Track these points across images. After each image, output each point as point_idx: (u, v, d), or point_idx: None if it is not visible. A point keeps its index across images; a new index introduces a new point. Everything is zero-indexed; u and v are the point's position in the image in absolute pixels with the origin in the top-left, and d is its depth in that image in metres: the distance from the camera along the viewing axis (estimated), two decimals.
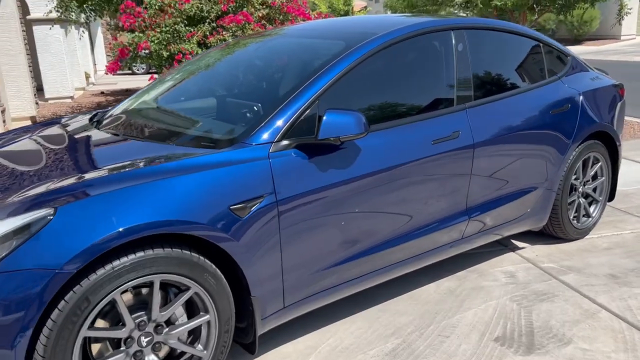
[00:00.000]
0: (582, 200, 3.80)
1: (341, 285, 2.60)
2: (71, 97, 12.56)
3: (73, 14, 9.10)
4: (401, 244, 2.76)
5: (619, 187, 4.83)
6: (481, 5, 8.40)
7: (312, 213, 2.35)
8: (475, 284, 3.21)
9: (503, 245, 3.74)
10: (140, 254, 1.91)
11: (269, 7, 7.11)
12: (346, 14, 15.94)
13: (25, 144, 2.82)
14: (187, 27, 7.00)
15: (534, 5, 8.98)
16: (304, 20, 7.16)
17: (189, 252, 2.04)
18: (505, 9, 8.82)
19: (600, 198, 3.91)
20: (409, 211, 2.74)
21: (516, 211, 3.32)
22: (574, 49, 23.58)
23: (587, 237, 3.86)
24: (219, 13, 6.83)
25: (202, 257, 2.07)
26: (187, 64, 3.47)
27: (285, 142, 2.32)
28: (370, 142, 2.54)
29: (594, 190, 3.88)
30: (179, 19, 6.92)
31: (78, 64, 14.38)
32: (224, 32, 6.78)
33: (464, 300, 3.03)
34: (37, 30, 12.01)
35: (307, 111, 2.39)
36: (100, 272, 1.84)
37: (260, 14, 7.08)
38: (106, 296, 1.87)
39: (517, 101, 3.23)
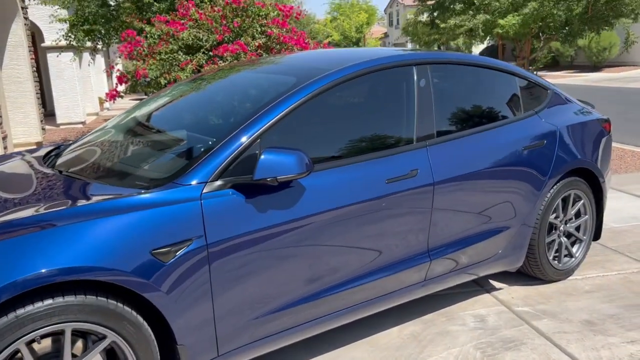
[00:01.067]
0: (563, 239, 3.63)
1: (288, 330, 2.48)
2: (83, 123, 12.74)
3: (80, 41, 9.27)
4: (354, 286, 2.63)
5: (612, 224, 4.67)
6: (482, 34, 8.31)
7: (249, 257, 2.25)
8: (442, 328, 3.06)
9: (479, 286, 3.58)
10: (48, 301, 1.83)
11: (267, 36, 7.12)
12: (358, 41, 15.98)
13: None
14: (185, 56, 7.04)
15: (540, 34, 8.85)
16: (300, 50, 7.14)
17: (105, 299, 1.95)
18: (507, 37, 8.70)
19: (584, 237, 3.73)
20: (361, 252, 2.62)
21: (486, 252, 3.18)
22: (592, 76, 23.32)
23: (571, 278, 3.67)
24: (215, 42, 6.85)
25: (120, 304, 1.98)
26: (152, 97, 3.43)
27: (220, 183, 2.23)
28: (317, 182, 2.45)
29: (577, 229, 3.70)
30: (175, 47, 6.96)
31: (91, 90, 14.64)
32: (219, 62, 6.79)
33: (426, 346, 2.88)
34: (51, 57, 12.26)
35: (247, 150, 2.31)
36: (2, 320, 1.76)
37: (257, 44, 7.10)
38: (8, 346, 1.79)
39: (485, 138, 3.11)
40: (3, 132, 7.69)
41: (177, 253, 2.07)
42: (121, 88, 7.59)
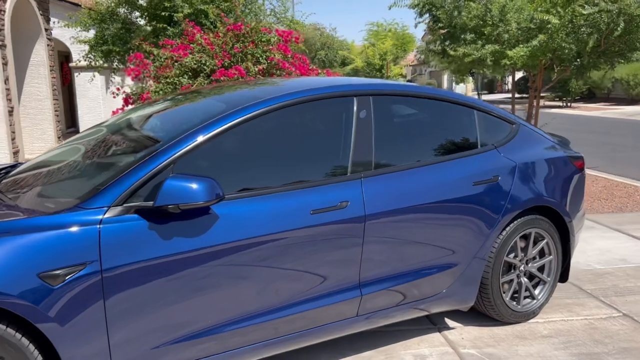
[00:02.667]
0: (524, 280, 3.48)
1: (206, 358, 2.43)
2: None
3: (98, 61, 9.58)
4: (273, 318, 2.57)
5: (596, 265, 4.47)
6: (491, 64, 8.19)
7: (149, 285, 2.23)
8: None
9: (432, 324, 3.46)
10: None
11: (267, 62, 7.20)
12: (381, 68, 16.06)
13: None
14: (187, 80, 7.19)
15: (554, 66, 8.67)
16: (298, 76, 7.19)
17: None
18: (515, 69, 8.55)
19: (548, 279, 3.56)
20: (281, 283, 2.56)
21: (430, 289, 3.07)
22: (628, 110, 22.64)
23: (532, 320, 3.51)
24: (215, 67, 6.97)
25: (2, 327, 1.98)
26: (111, 118, 3.49)
27: (123, 208, 2.23)
28: (233, 210, 2.42)
29: (541, 269, 3.55)
30: (178, 72, 7.11)
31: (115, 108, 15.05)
32: None
33: None
34: (78, 76, 12.71)
35: (158, 176, 2.31)
36: None
37: (259, 69, 7.18)
38: None
39: (429, 171, 3.03)
40: (15, 147, 7.97)
41: (67, 277, 2.06)
42: (128, 109, 7.78)
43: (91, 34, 9.86)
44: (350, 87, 2.96)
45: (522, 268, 3.46)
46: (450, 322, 3.47)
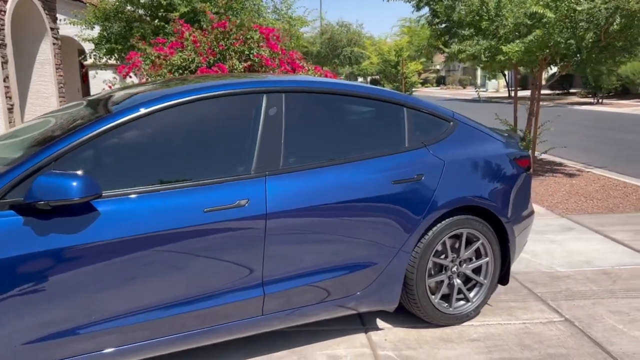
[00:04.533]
0: (457, 281, 3.39)
1: (83, 356, 2.45)
2: None
3: (102, 59, 9.79)
4: (163, 317, 2.57)
5: (558, 268, 4.33)
6: (486, 60, 7.98)
7: (21, 280, 2.26)
8: None
9: (361, 324, 3.40)
10: None
11: (252, 60, 7.22)
12: (397, 65, 15.88)
13: None
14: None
15: (556, 61, 8.40)
16: (285, 73, 7.17)
17: None
18: (508, 65, 8.31)
19: (485, 281, 3.46)
20: (171, 281, 2.56)
21: (344, 288, 3.01)
22: None
23: (467, 323, 3.41)
24: (199, 65, 7.02)
25: None
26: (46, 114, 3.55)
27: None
28: (116, 207, 2.44)
29: (477, 271, 3.45)
30: (166, 70, 7.20)
31: None
32: None
33: None
34: (91, 73, 13.03)
35: (39, 172, 2.34)
36: None
37: (246, 66, 7.21)
38: None
39: (342, 170, 2.96)
40: None
41: None
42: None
43: (96, 32, 10.09)
44: (260, 84, 2.94)
45: (454, 269, 3.37)
46: (380, 323, 3.41)
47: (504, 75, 34.54)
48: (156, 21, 8.82)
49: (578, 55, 7.70)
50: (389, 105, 3.26)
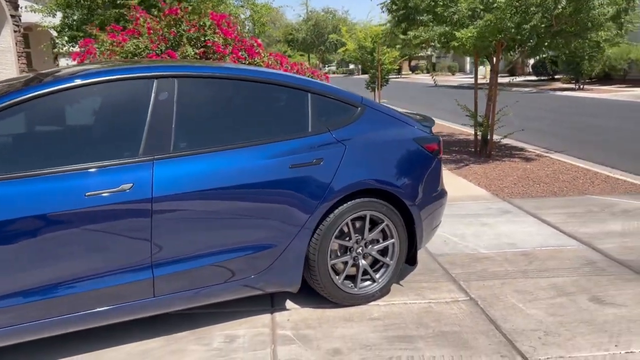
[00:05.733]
0: (362, 262, 3.47)
1: None
2: None
3: (65, 47, 9.77)
4: (47, 298, 2.63)
5: (481, 249, 4.43)
6: (439, 46, 8.04)
7: None
8: (180, 347, 3.00)
9: (270, 305, 3.49)
10: None
11: (205, 46, 7.23)
12: (372, 51, 15.89)
13: None
14: None
15: (514, 47, 8.45)
16: (237, 60, 7.20)
17: None
18: (465, 51, 8.36)
19: (391, 262, 3.54)
20: (54, 264, 2.63)
21: (242, 270, 3.08)
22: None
23: (373, 303, 3.50)
24: (150, 51, 7.04)
25: None
26: None
27: None
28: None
29: (384, 253, 3.53)
30: (119, 57, 7.21)
31: None
32: None
33: None
34: (62, 61, 12.99)
35: None
36: None
37: (199, 52, 7.22)
38: None
39: (237, 155, 3.01)
40: None
41: None
42: None
43: (59, 19, 10.05)
44: (151, 70, 2.98)
45: (359, 251, 3.45)
46: (289, 304, 3.49)
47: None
48: (114, 10, 8.82)
49: (531, 40, 7.76)
50: (291, 90, 3.32)
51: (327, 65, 75.82)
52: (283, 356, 2.89)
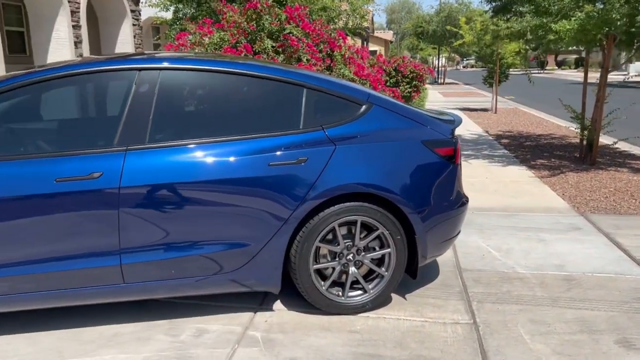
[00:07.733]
0: (353, 270, 3.26)
1: None
2: None
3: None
4: (15, 274, 2.81)
5: (519, 268, 4.00)
6: (532, 38, 7.26)
7: None
8: (147, 335, 3.04)
9: (256, 304, 3.42)
10: None
11: (285, 39, 7.27)
12: (492, 44, 14.89)
13: None
14: None
15: (635, 41, 7.43)
16: (312, 53, 7.14)
17: None
18: (562, 45, 7.47)
19: (386, 273, 3.28)
20: (23, 244, 2.79)
21: (215, 266, 3.03)
22: None
23: (363, 315, 3.27)
24: (229, 45, 7.25)
25: None
26: None
27: None
28: None
29: (379, 262, 3.29)
30: (204, 49, 7.53)
31: None
32: None
33: (103, 347, 2.90)
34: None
35: None
36: None
37: (278, 45, 7.31)
38: None
39: (212, 149, 2.95)
40: None
41: None
42: None
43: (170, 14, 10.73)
44: (135, 62, 3.03)
45: (349, 257, 3.24)
46: (277, 305, 3.39)
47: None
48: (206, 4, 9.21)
49: None
50: (285, 85, 3.19)
51: (465, 59, 72.86)
52: (239, 358, 2.81)
